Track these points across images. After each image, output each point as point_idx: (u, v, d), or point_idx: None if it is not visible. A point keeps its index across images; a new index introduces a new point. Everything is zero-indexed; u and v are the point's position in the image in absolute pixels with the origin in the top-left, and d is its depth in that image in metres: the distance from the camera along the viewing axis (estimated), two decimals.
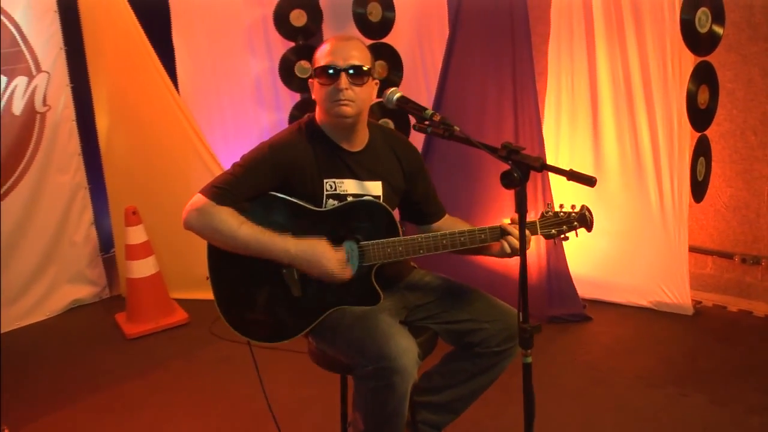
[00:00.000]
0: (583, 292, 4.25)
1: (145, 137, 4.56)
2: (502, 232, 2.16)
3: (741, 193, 4.11)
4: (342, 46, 2.15)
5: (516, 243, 2.13)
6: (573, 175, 1.71)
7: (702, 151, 3.80)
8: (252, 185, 2.12)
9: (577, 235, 2.23)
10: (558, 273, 4.15)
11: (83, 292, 4.74)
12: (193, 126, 4.53)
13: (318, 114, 2.25)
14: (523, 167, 1.75)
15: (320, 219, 2.17)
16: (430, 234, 2.17)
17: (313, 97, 2.21)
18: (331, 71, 2.12)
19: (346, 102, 2.13)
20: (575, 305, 4.15)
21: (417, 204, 2.42)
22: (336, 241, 2.17)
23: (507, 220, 2.19)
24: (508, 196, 4.09)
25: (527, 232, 2.08)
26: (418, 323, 2.31)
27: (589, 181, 1.69)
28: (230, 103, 5.06)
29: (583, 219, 2.20)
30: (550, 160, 4.18)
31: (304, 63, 4.79)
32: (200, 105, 4.90)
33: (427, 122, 1.99)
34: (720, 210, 4.22)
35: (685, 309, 4.09)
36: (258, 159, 2.14)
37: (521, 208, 1.79)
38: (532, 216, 2.17)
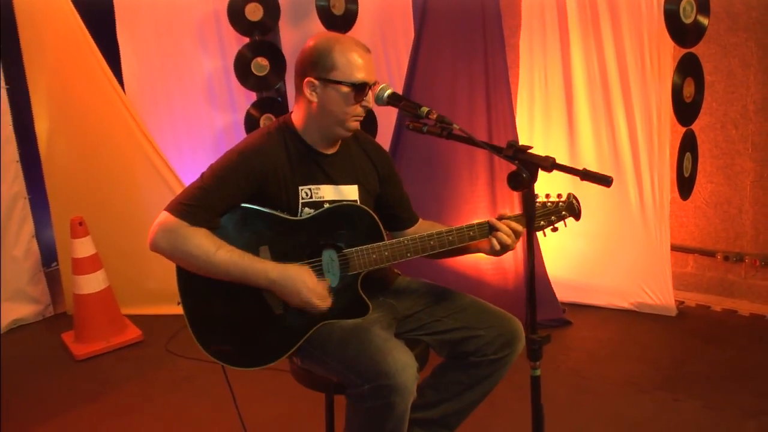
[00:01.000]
0: (562, 295, 4.26)
1: (90, 142, 4.45)
2: (491, 228, 2.15)
3: (722, 188, 4.17)
4: (368, 59, 2.11)
5: (506, 239, 2.13)
6: (587, 175, 1.69)
7: (689, 146, 3.84)
8: (224, 198, 2.05)
9: (565, 225, 2.23)
10: (536, 276, 4.09)
11: (24, 310, 4.59)
12: (141, 129, 4.44)
13: (307, 118, 2.18)
14: (532, 167, 1.71)
15: (297, 228, 2.11)
16: (417, 235, 2.15)
17: (318, 102, 2.13)
18: (365, 87, 2.09)
19: (362, 117, 2.15)
20: (554, 310, 4.15)
21: (391, 209, 2.39)
22: (316, 251, 2.12)
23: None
24: (481, 197, 4.10)
25: (518, 226, 2.13)
26: (409, 336, 2.28)
27: (604, 180, 1.67)
28: (181, 104, 4.96)
29: (571, 208, 2.20)
30: None
31: (261, 60, 4.72)
32: (148, 106, 4.79)
33: (422, 121, 1.94)
34: (701, 206, 4.27)
35: (669, 310, 4.13)
36: (229, 168, 2.07)
37: (529, 210, 1.75)
38: (507, 212, 2.19)
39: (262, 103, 4.88)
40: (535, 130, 4.35)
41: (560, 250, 4.22)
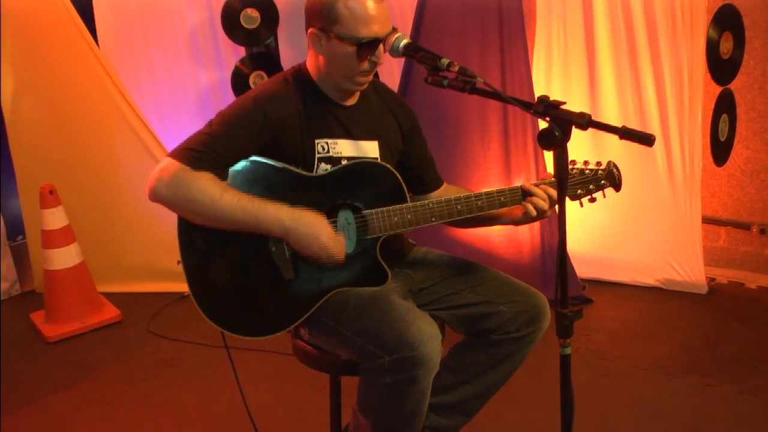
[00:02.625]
0: (582, 271, 4.29)
1: (61, 102, 4.43)
2: (524, 194, 2.16)
3: (759, 155, 4.18)
4: (380, 9, 2.05)
5: (542, 204, 2.14)
6: (627, 133, 1.68)
7: (725, 107, 3.83)
8: (234, 147, 2.04)
9: (604, 195, 2.24)
10: (553, 250, 4.16)
11: None
12: (118, 88, 4.41)
13: (318, 69, 2.17)
14: (565, 124, 1.71)
15: (312, 185, 2.11)
16: (443, 198, 2.15)
17: (324, 55, 2.11)
18: (374, 44, 2.06)
19: (373, 72, 2.14)
20: (574, 286, 4.17)
21: (414, 169, 2.39)
22: (331, 211, 2.12)
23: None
24: (494, 161, 4.10)
25: (554, 191, 2.12)
26: (423, 310, 2.25)
27: (646, 139, 1.66)
28: (162, 61, 4.93)
29: (611, 177, 2.21)
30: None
31: (251, 11, 4.69)
32: (125, 62, 4.76)
33: (442, 74, 1.93)
34: (735, 175, 4.28)
35: (699, 287, 4.16)
36: (241, 115, 2.05)
37: (561, 171, 1.75)
38: (519, 181, 2.18)
39: (252, 59, 4.85)
40: (552, 90, 4.34)
41: (580, 222, 4.22)
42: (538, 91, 4.20)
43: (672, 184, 4.09)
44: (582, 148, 4.06)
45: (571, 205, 2.22)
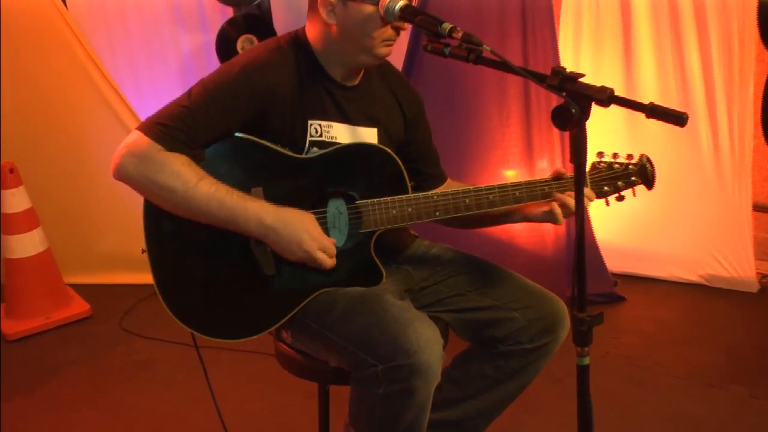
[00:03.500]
0: (613, 265, 4.27)
1: (22, 69, 4.41)
2: (544, 193, 2.15)
3: None
4: None
5: (570, 203, 2.11)
6: (655, 111, 1.64)
7: None
8: (215, 123, 2.01)
9: (634, 193, 2.22)
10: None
11: None
12: (88, 53, 4.40)
13: (325, 41, 2.12)
14: (583, 100, 1.66)
15: (301, 169, 2.09)
16: (450, 191, 2.13)
17: (338, 25, 2.07)
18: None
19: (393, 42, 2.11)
20: (604, 282, 4.16)
21: (415, 162, 2.36)
22: (321, 200, 2.10)
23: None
24: (514, 140, 4.09)
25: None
26: (425, 312, 2.21)
27: (677, 118, 1.62)
28: (138, 22, 4.93)
29: (644, 173, 2.18)
30: None
31: None
32: (97, 25, 4.77)
33: (444, 41, 1.90)
34: None
35: (748, 284, 4.13)
36: (225, 85, 2.02)
37: (578, 156, 1.71)
38: (564, 171, 2.16)
39: (240, 20, 4.82)
40: (582, 60, 4.31)
41: (612, 209, 4.13)
42: (566, 61, 4.18)
43: (718, 166, 4.06)
44: (615, 128, 4.05)
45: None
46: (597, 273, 4.15)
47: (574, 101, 1.67)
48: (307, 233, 2.01)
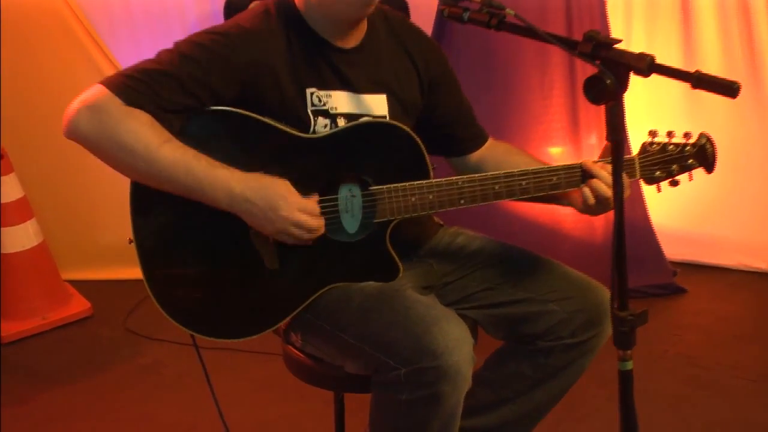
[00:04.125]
0: (673, 252, 4.26)
1: (11, 45, 4.43)
2: (584, 175, 2.09)
3: None
4: None
5: (604, 191, 2.05)
6: (702, 81, 1.60)
7: None
8: (187, 88, 1.96)
9: (691, 177, 2.17)
10: (635, 226, 4.13)
11: None
12: (85, 26, 4.44)
13: None
14: (620, 70, 1.64)
15: (307, 150, 2.07)
16: (476, 176, 2.08)
17: None
18: None
19: None
20: (661, 272, 4.16)
21: (444, 128, 2.35)
22: (331, 185, 2.07)
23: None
24: (557, 114, 4.10)
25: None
26: (451, 309, 2.21)
27: (727, 88, 1.58)
28: None
29: (702, 154, 2.13)
30: None
31: None
32: None
33: (462, 4, 1.89)
34: None
35: None
36: (203, 48, 1.99)
37: (614, 133, 1.69)
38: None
39: None
40: (633, 23, 4.29)
41: (670, 190, 4.13)
42: (615, 25, 4.16)
43: None
44: (672, 103, 4.05)
45: None
46: (654, 262, 4.15)
47: (610, 70, 1.65)
48: (282, 199, 1.96)
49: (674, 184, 2.18)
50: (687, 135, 2.14)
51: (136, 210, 2.04)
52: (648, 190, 3.98)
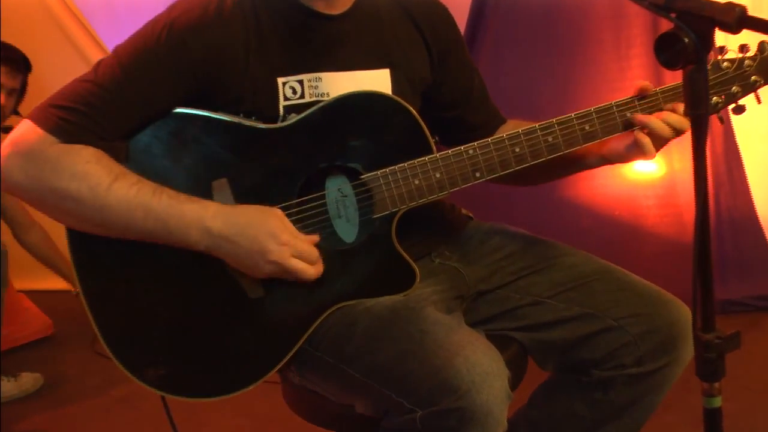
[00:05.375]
0: None
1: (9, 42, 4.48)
2: (622, 115, 2.10)
3: None
4: None
5: (657, 125, 2.05)
6: None
7: None
8: (136, 106, 1.98)
9: (759, 100, 2.16)
10: (737, 221, 4.15)
11: None
12: (84, 24, 4.63)
13: None
14: (702, 25, 1.61)
15: (277, 143, 2.06)
16: (490, 139, 2.07)
17: None
18: None
19: None
20: None
21: (453, 108, 2.34)
22: (314, 181, 2.07)
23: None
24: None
25: (676, 107, 2.06)
26: (487, 330, 2.23)
27: None
28: None
29: (765, 67, 2.13)
30: None
31: None
32: None
33: None
34: None
35: None
36: (148, 53, 1.99)
37: (695, 106, 1.67)
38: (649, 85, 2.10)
39: None
40: None
41: None
42: None
43: None
44: None
45: (763, 151, 2.14)
46: (762, 266, 4.12)
47: (689, 26, 1.62)
48: (272, 238, 1.96)
49: (739, 111, 2.15)
50: (743, 47, 2.12)
51: (76, 253, 2.03)
52: (754, 177, 3.98)
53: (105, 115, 1.93)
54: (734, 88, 2.11)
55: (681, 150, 3.95)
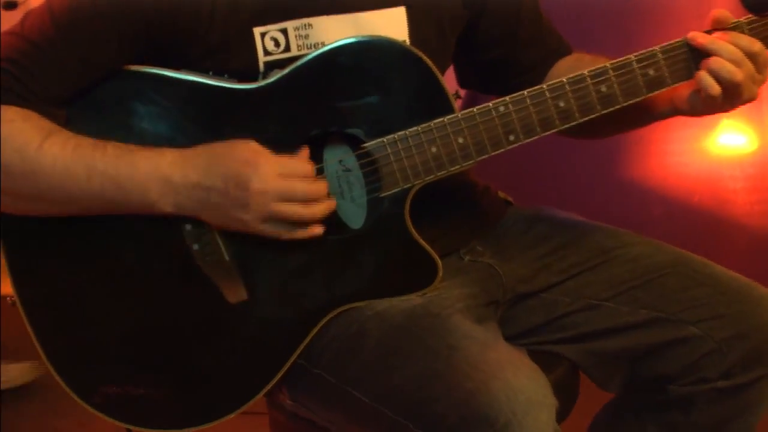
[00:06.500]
0: None
1: None
2: (692, 56, 1.90)
3: None
4: None
5: (729, 70, 1.83)
6: None
7: None
8: (73, 66, 1.85)
9: None
10: None
11: None
12: None
13: None
14: None
15: (260, 105, 1.92)
16: (525, 91, 1.90)
17: None
18: None
19: None
20: None
21: (495, 47, 2.21)
22: (314, 153, 1.94)
23: None
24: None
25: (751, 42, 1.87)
26: (532, 343, 2.14)
27: None
28: None
29: None
30: None
31: None
32: None
33: None
34: None
35: None
36: (85, 3, 1.85)
37: None
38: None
39: None
40: None
41: None
42: None
43: None
44: None
45: None
46: None
47: None
48: (249, 165, 1.81)
49: None
50: None
51: (11, 256, 1.94)
52: None
53: (33, 77, 1.83)
54: None
55: None
